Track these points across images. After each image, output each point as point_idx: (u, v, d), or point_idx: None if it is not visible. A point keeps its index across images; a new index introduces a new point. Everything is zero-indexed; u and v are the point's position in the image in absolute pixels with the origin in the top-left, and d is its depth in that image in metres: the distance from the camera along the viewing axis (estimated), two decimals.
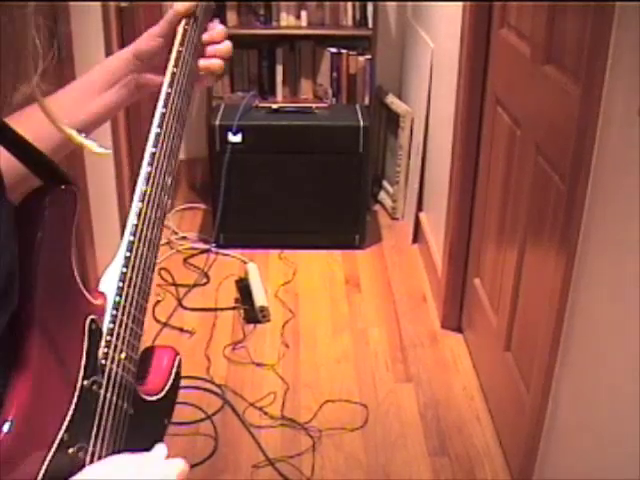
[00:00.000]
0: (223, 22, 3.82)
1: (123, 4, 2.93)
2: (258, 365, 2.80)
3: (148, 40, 1.01)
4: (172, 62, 0.97)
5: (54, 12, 2.21)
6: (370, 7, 3.79)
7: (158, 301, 3.14)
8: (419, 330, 3.04)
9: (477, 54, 2.61)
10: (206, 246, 3.56)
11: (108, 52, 2.70)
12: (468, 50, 2.63)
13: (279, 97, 4.01)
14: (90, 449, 0.72)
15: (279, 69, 3.97)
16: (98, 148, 0.81)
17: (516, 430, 2.23)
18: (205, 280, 3.34)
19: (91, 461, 0.72)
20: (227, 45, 1.05)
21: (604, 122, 1.60)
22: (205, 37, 1.04)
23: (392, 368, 2.81)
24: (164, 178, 0.89)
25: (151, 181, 0.87)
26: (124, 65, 1.01)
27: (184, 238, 3.67)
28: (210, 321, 3.05)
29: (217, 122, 3.41)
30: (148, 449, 0.76)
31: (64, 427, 0.69)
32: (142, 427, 0.82)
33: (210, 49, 1.04)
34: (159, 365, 0.89)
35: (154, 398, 0.86)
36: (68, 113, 0.95)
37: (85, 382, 0.72)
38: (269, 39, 3.94)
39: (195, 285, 3.29)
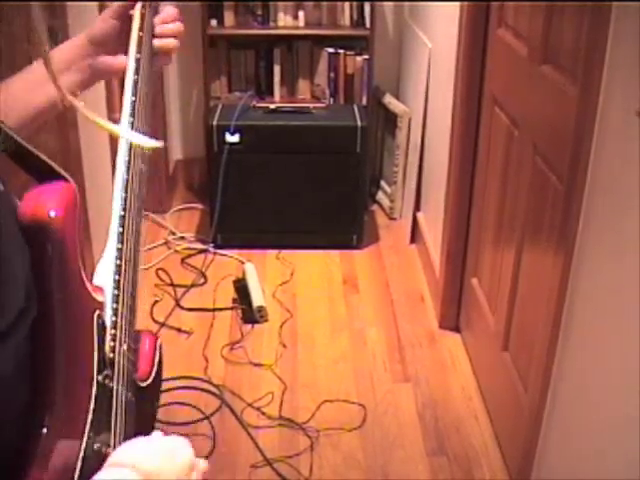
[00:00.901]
0: (220, 22, 3.82)
1: None
2: (256, 365, 2.80)
3: (101, 24, 1.00)
4: (134, 47, 0.96)
5: (51, 13, 2.21)
6: (367, 7, 3.79)
7: (156, 301, 3.14)
8: (417, 330, 3.04)
9: (474, 54, 2.61)
10: (204, 246, 3.56)
11: None
12: (465, 50, 2.63)
13: (277, 97, 4.01)
14: (111, 442, 0.73)
15: (277, 69, 3.96)
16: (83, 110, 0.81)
17: (514, 430, 2.23)
18: (203, 280, 3.34)
19: (109, 452, 0.72)
20: (178, 25, 1.05)
21: (601, 122, 1.60)
22: (157, 19, 1.03)
23: (390, 368, 2.81)
24: (139, 165, 0.90)
25: (130, 170, 0.88)
26: (78, 50, 1.00)
27: (182, 238, 3.67)
28: (208, 321, 3.05)
29: (215, 122, 3.40)
30: (144, 429, 0.77)
31: (89, 424, 0.70)
32: (139, 412, 0.84)
33: (164, 29, 1.04)
34: (142, 350, 0.90)
35: (146, 384, 0.87)
36: (22, 99, 0.94)
37: (99, 377, 0.73)
38: (266, 39, 3.94)
39: (193, 285, 3.28)
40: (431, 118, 3.38)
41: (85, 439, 0.69)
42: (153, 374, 0.89)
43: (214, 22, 3.82)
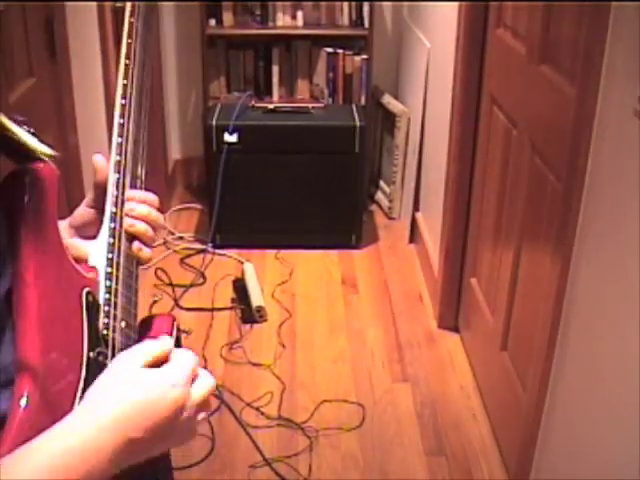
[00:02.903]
0: (219, 22, 3.82)
1: (118, 4, 2.92)
2: (255, 365, 2.80)
3: (80, 210, 0.94)
4: (122, 68, 0.94)
5: (50, 12, 2.22)
6: (366, 7, 3.79)
7: (155, 301, 3.14)
8: (416, 330, 3.04)
9: (473, 54, 2.61)
10: (203, 246, 3.56)
11: (103, 52, 2.70)
12: (464, 50, 2.63)
13: (275, 97, 4.01)
14: None
15: (275, 69, 3.97)
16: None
17: (513, 429, 2.23)
18: (202, 280, 3.34)
19: None
20: (152, 213, 0.89)
21: (600, 122, 1.60)
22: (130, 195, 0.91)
23: (389, 368, 2.81)
24: (134, 157, 0.90)
25: (123, 153, 0.88)
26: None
27: (181, 238, 3.67)
28: (207, 321, 3.05)
29: (213, 122, 3.40)
30: None
31: (77, 400, 0.70)
32: None
33: (136, 210, 0.89)
34: (159, 332, 0.90)
35: None
36: None
37: (91, 354, 0.73)
38: (265, 39, 3.94)
39: (192, 285, 3.29)
40: (430, 118, 3.38)
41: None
42: None
43: (213, 22, 3.82)
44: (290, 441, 2.44)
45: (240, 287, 3.22)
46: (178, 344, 0.91)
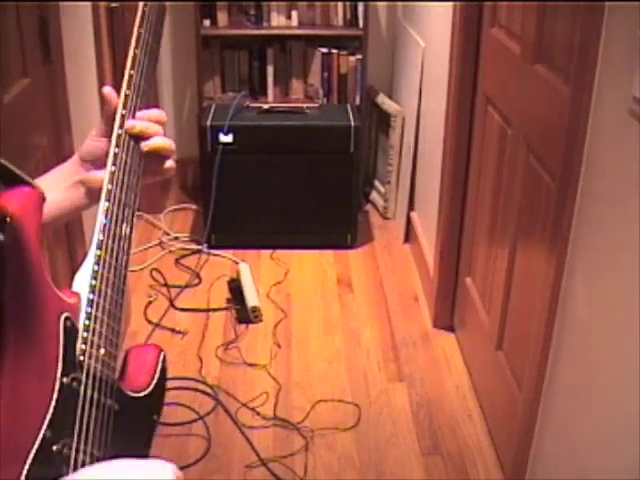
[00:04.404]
0: (214, 23, 3.82)
1: (113, 4, 2.92)
2: (250, 365, 2.79)
3: (89, 141, 0.97)
4: (127, 77, 0.94)
5: (44, 12, 2.21)
6: (361, 7, 3.79)
7: (150, 302, 3.14)
8: (411, 329, 3.04)
9: (468, 53, 2.61)
10: (198, 247, 3.56)
11: (98, 52, 2.70)
12: (459, 49, 2.64)
13: (270, 97, 4.01)
14: (74, 445, 0.72)
15: (270, 69, 3.96)
16: None
17: (508, 429, 2.24)
18: (197, 281, 3.34)
19: (76, 458, 0.72)
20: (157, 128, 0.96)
21: (594, 121, 1.61)
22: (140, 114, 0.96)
23: (384, 368, 2.81)
24: (130, 167, 0.90)
25: (116, 170, 0.88)
26: (71, 167, 0.98)
27: (175, 239, 3.66)
28: (202, 321, 3.04)
29: (208, 122, 3.40)
30: (140, 446, 0.76)
31: (46, 424, 0.70)
32: (131, 423, 0.83)
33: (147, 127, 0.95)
34: (144, 362, 0.90)
35: (141, 394, 0.87)
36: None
37: (65, 379, 0.73)
38: (260, 39, 3.94)
39: (187, 286, 3.28)
40: (424, 118, 3.38)
41: (40, 438, 0.69)
42: (152, 385, 0.89)
43: (207, 22, 3.82)
44: (286, 441, 2.44)
45: (235, 287, 3.22)
46: (164, 376, 0.91)
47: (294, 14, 3.85)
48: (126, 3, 3.08)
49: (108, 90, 0.94)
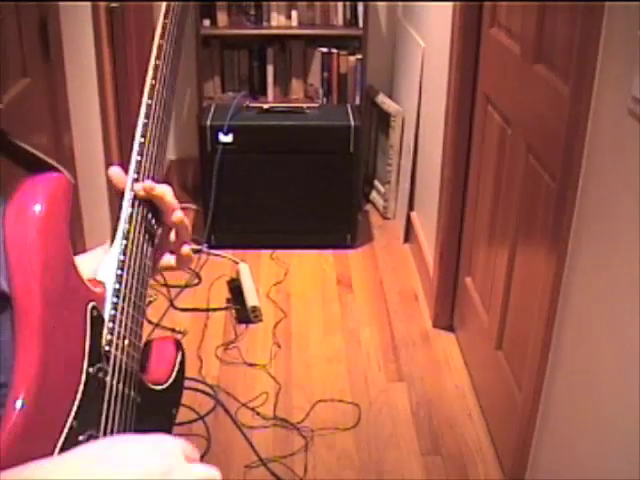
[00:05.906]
0: (213, 22, 3.81)
1: (113, 4, 2.92)
2: (250, 365, 2.79)
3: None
4: (153, 59, 0.94)
5: (44, 12, 2.21)
6: (360, 7, 3.80)
7: (150, 302, 3.13)
8: (411, 329, 3.04)
9: (467, 53, 2.61)
10: (198, 246, 3.56)
11: (98, 53, 2.69)
12: (458, 49, 2.64)
13: (270, 97, 4.01)
14: (100, 437, 0.72)
15: (270, 69, 3.97)
16: None
17: (508, 428, 2.24)
18: (197, 280, 3.34)
19: None
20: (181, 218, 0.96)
21: (594, 121, 1.61)
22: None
23: (384, 367, 2.81)
24: (155, 165, 0.90)
25: (142, 167, 0.87)
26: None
27: None
28: (202, 321, 3.04)
29: (208, 122, 3.40)
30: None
31: (73, 414, 0.69)
32: (151, 416, 0.83)
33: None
34: (163, 355, 0.89)
35: (161, 387, 0.87)
36: None
37: (91, 369, 0.72)
38: (260, 39, 3.94)
39: (187, 286, 3.28)
40: (424, 117, 3.38)
41: (67, 427, 0.69)
42: (172, 379, 0.89)
43: (207, 22, 3.82)
44: (286, 441, 2.44)
45: (235, 287, 3.22)
46: (182, 369, 0.91)
47: (294, 14, 3.85)
48: (126, 3, 3.08)
49: (113, 171, 0.88)
